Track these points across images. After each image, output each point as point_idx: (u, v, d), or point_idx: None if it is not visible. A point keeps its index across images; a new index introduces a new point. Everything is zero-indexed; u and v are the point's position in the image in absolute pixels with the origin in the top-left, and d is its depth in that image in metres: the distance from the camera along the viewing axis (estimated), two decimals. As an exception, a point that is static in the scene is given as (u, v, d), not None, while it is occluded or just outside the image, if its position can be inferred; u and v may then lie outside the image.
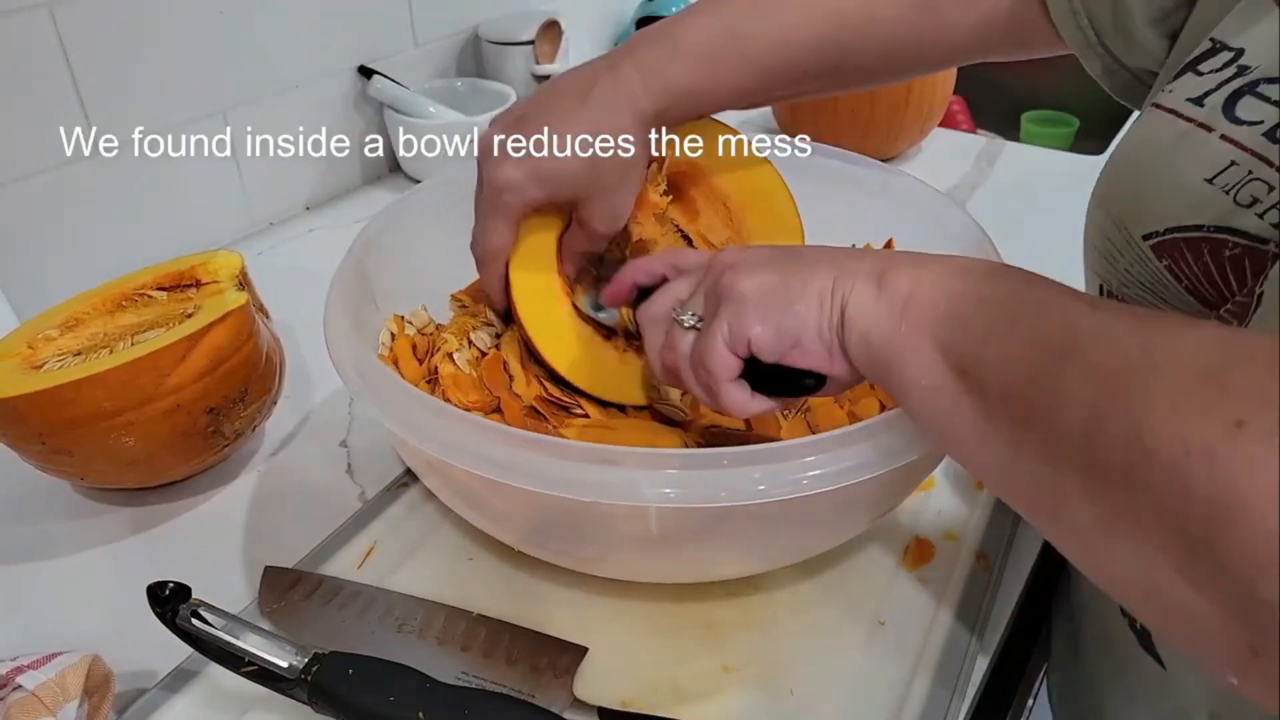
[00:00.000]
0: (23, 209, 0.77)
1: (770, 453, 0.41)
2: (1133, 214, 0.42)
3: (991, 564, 0.55)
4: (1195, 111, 0.40)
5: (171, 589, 0.44)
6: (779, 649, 0.50)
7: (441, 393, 0.55)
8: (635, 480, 0.41)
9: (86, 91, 0.78)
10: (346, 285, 0.55)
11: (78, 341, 0.60)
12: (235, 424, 0.60)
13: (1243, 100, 0.38)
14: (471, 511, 0.52)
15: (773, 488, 0.40)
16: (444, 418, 0.44)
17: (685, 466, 0.41)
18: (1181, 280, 0.40)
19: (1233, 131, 0.38)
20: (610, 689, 0.48)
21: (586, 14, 1.29)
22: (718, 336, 0.41)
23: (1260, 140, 0.37)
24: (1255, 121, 0.38)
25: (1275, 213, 0.36)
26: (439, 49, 1.09)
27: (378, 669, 0.44)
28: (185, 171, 0.87)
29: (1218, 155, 0.38)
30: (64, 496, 0.62)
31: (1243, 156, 0.38)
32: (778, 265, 0.41)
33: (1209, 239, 0.38)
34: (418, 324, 0.61)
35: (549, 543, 0.51)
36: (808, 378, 0.41)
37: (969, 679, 0.49)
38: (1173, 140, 0.41)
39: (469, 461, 0.42)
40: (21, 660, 0.45)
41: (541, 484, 0.41)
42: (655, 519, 0.45)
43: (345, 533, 0.58)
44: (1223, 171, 0.38)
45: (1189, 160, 0.39)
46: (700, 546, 0.48)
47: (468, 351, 0.58)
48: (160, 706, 0.48)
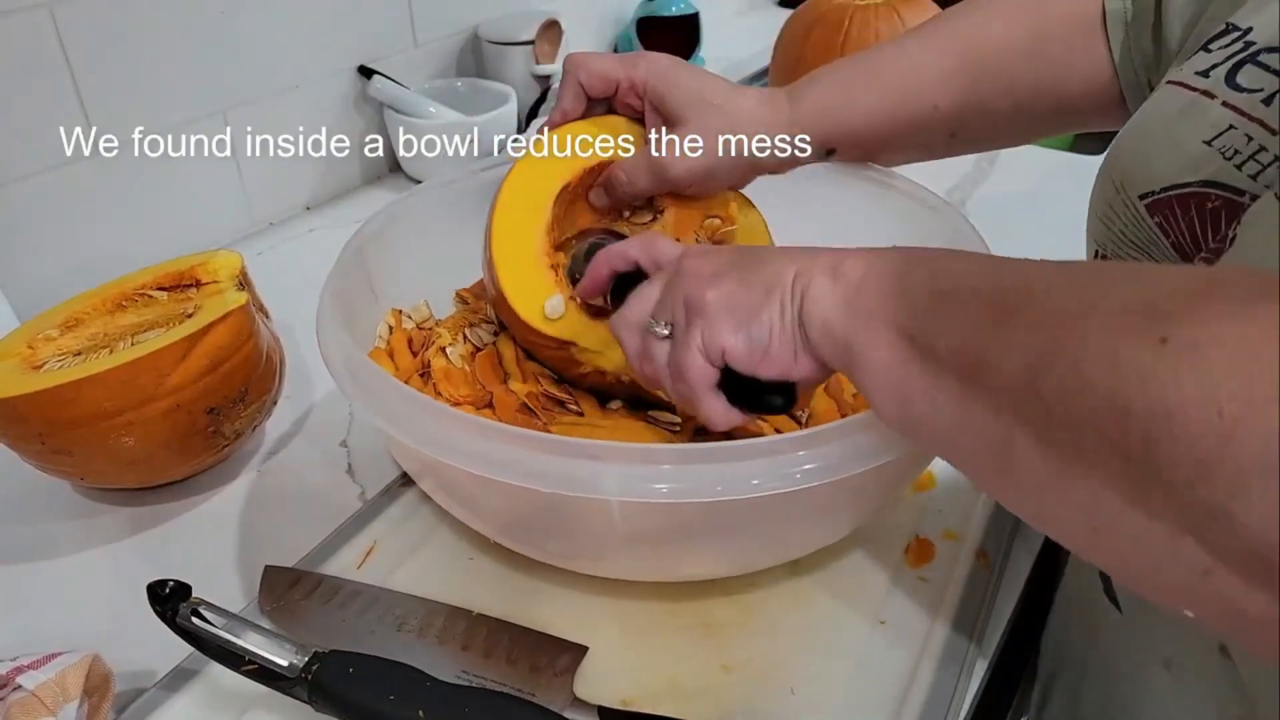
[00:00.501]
0: (23, 209, 0.77)
1: (764, 447, 0.41)
2: (1133, 177, 0.44)
3: (992, 563, 0.55)
4: (1201, 82, 0.42)
5: (171, 587, 0.44)
6: (779, 648, 0.50)
7: (433, 386, 0.55)
8: (629, 476, 0.41)
9: (86, 91, 0.78)
10: (345, 275, 0.55)
11: (78, 341, 0.60)
12: (235, 424, 0.60)
13: (1244, 69, 0.40)
14: (466, 512, 0.52)
15: (767, 481, 0.40)
16: (433, 414, 0.44)
17: (680, 461, 0.41)
18: (1169, 236, 0.42)
19: (1233, 98, 0.40)
20: (610, 689, 0.48)
21: (586, 14, 1.30)
22: (693, 349, 0.42)
23: (1259, 106, 0.39)
24: (1255, 89, 0.40)
25: (1253, 164, 0.38)
26: (439, 49, 1.09)
27: (378, 668, 0.44)
28: (185, 171, 0.87)
29: (1217, 119, 0.40)
30: (64, 496, 0.62)
31: (1240, 121, 0.40)
32: (739, 271, 0.42)
33: (1196, 194, 0.40)
34: (417, 318, 0.61)
35: (539, 541, 0.51)
36: (775, 395, 0.42)
37: (969, 678, 0.49)
38: (1178, 109, 0.43)
39: (459, 459, 0.42)
40: (21, 660, 0.45)
41: (533, 480, 0.41)
42: (648, 515, 0.44)
43: (345, 532, 0.58)
44: (1221, 134, 0.40)
45: (1190, 125, 0.41)
46: (693, 543, 0.48)
47: (462, 346, 0.58)
48: (160, 706, 0.48)
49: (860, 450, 0.41)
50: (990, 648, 0.51)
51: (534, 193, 0.57)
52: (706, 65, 1.37)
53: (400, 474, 0.62)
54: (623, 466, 0.41)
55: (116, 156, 0.82)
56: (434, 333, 0.60)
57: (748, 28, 1.56)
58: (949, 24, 0.58)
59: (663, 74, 0.57)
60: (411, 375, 0.57)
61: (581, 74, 0.58)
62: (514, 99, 1.04)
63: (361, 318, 0.59)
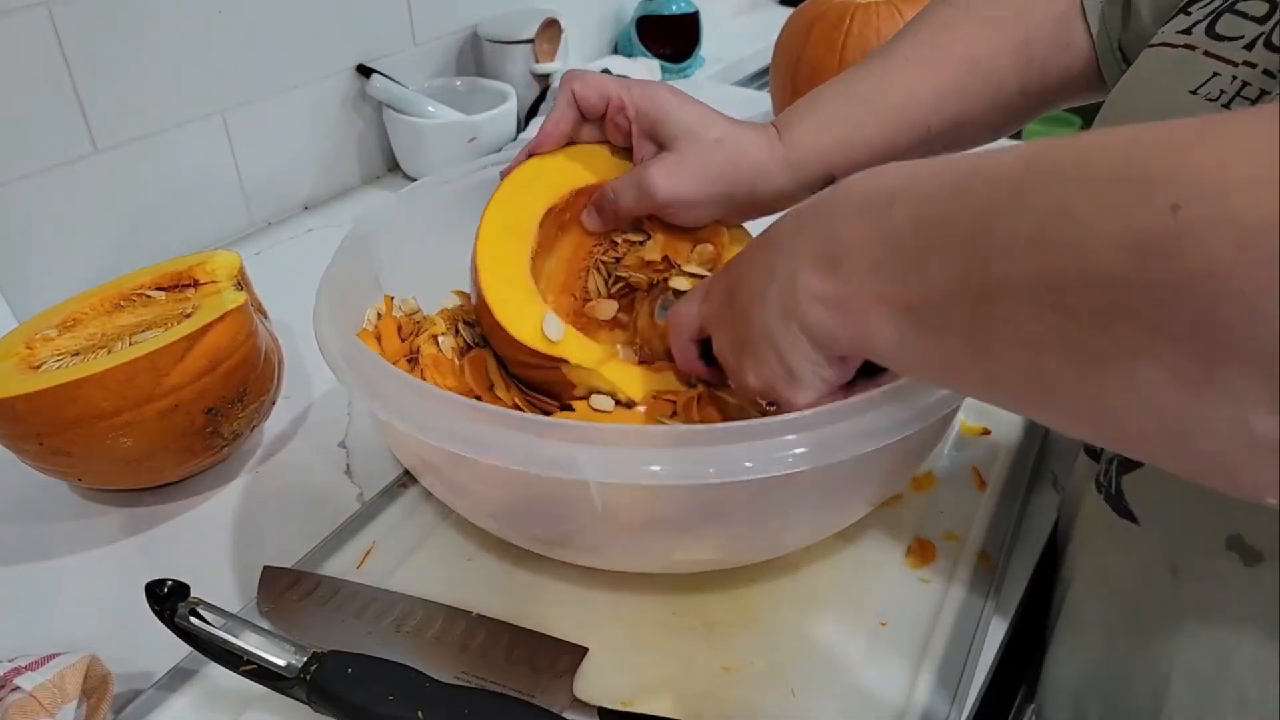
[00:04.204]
0: (22, 209, 0.77)
1: (757, 429, 0.41)
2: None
3: (993, 564, 0.55)
4: (1183, 39, 0.43)
5: (170, 587, 0.44)
6: (779, 649, 0.50)
7: (420, 373, 0.55)
8: (625, 458, 0.40)
9: (86, 91, 0.78)
10: (348, 261, 0.56)
11: (76, 342, 0.60)
12: (234, 424, 0.60)
13: (1223, 18, 0.41)
14: (457, 498, 0.52)
15: (761, 464, 0.40)
16: (425, 396, 0.44)
17: (675, 443, 0.41)
18: None
19: (1214, 47, 0.41)
20: (610, 689, 0.48)
21: (586, 13, 1.29)
22: (695, 304, 0.46)
23: (1240, 51, 0.40)
24: (1235, 37, 0.41)
25: (1239, 101, 0.40)
26: (438, 48, 1.09)
27: (377, 668, 0.44)
28: (184, 171, 0.87)
29: (1201, 69, 0.41)
30: (62, 497, 0.62)
31: (1223, 67, 0.40)
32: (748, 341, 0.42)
33: None
34: (405, 310, 0.61)
35: (534, 529, 0.51)
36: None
37: (971, 679, 0.48)
38: (1164, 67, 0.44)
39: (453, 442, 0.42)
40: (19, 661, 0.44)
41: (528, 463, 0.41)
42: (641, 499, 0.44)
43: (344, 533, 0.58)
44: (1206, 82, 0.41)
45: (1176, 78, 0.42)
46: (689, 529, 0.48)
47: (453, 339, 0.57)
48: (158, 706, 0.47)
49: (858, 433, 0.41)
50: (991, 649, 0.50)
51: (518, 219, 0.56)
52: (706, 64, 1.37)
53: (399, 474, 0.62)
54: (614, 449, 0.41)
55: (115, 156, 0.81)
56: (427, 320, 0.59)
57: (748, 27, 1.56)
58: (938, 36, 0.57)
59: (658, 101, 0.56)
60: (399, 360, 0.57)
61: (577, 85, 0.58)
62: (513, 98, 1.03)
63: (361, 307, 0.59)
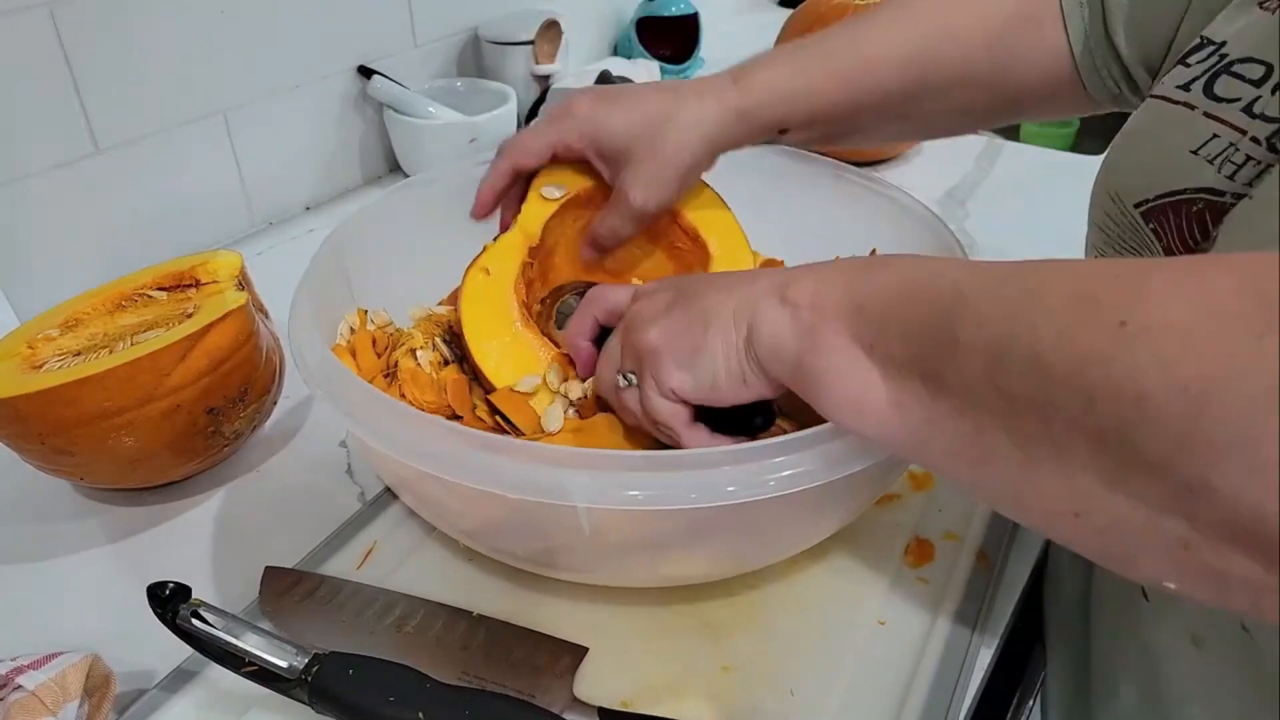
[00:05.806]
0: (23, 209, 0.77)
1: (740, 454, 0.40)
2: (1128, 186, 0.45)
3: (992, 563, 0.55)
4: (1182, 95, 0.44)
5: (171, 589, 0.44)
6: (779, 649, 0.50)
7: (399, 388, 0.55)
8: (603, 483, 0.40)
9: (86, 91, 0.78)
10: (321, 274, 0.55)
11: (78, 341, 0.60)
12: (235, 424, 0.60)
13: (1220, 80, 0.42)
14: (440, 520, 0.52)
15: (743, 489, 0.40)
16: (406, 419, 0.44)
17: (654, 468, 0.40)
18: (1161, 240, 0.43)
19: (1213, 109, 0.42)
20: (610, 689, 0.48)
21: (586, 14, 1.29)
22: (651, 393, 0.44)
23: (1239, 115, 0.41)
24: (1233, 99, 0.41)
25: (1229, 165, 0.40)
26: (439, 49, 1.09)
27: (378, 669, 0.44)
28: (185, 171, 0.87)
29: (1201, 130, 0.42)
30: (64, 496, 0.62)
31: (1223, 129, 0.41)
32: (678, 309, 0.43)
33: (1186, 200, 0.42)
34: (378, 323, 0.61)
35: (514, 547, 0.51)
36: (756, 416, 0.43)
37: (969, 679, 0.49)
38: (1165, 122, 0.44)
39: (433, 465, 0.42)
40: (21, 660, 0.45)
41: (508, 488, 0.41)
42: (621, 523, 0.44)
43: (345, 533, 0.58)
44: (1205, 144, 0.41)
45: (1178, 137, 0.43)
46: (671, 550, 0.48)
47: (431, 354, 0.57)
48: (160, 707, 0.47)
49: (839, 456, 0.41)
50: (990, 648, 0.51)
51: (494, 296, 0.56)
52: (706, 65, 1.37)
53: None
54: (595, 474, 0.40)
55: (117, 156, 0.81)
56: (405, 334, 0.59)
57: (748, 28, 1.56)
58: (916, 4, 0.58)
59: (591, 121, 0.56)
60: (376, 376, 0.56)
61: (515, 155, 0.58)
62: (514, 99, 1.03)
63: (335, 318, 0.59)
